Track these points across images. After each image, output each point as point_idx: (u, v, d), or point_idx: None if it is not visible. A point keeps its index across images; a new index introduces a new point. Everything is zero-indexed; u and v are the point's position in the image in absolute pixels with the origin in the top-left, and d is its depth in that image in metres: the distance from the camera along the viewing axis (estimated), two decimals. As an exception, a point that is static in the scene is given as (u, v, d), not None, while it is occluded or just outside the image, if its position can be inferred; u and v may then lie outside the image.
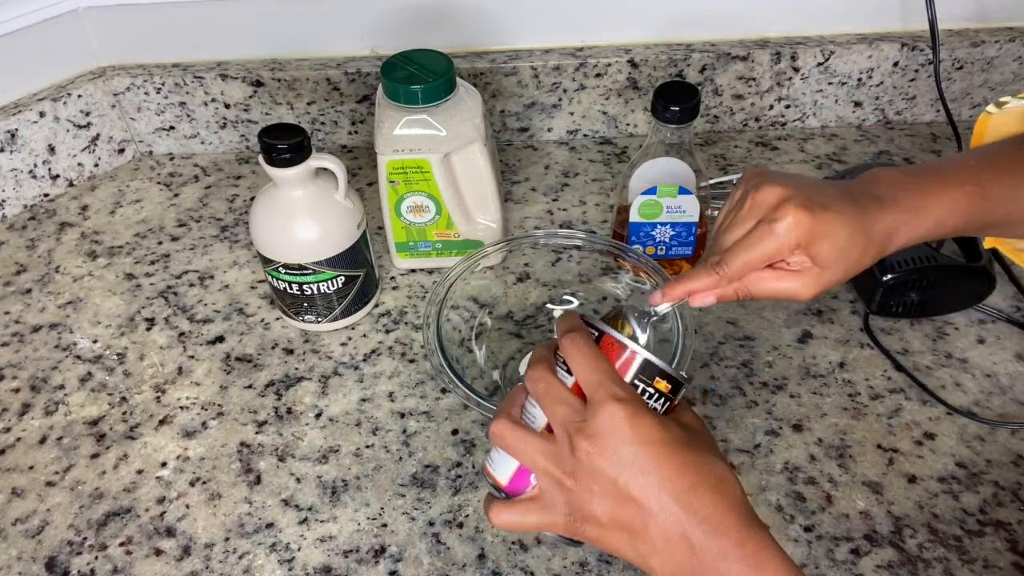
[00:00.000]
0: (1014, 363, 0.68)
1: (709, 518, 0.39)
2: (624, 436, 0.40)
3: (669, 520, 0.39)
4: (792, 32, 0.90)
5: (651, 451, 0.40)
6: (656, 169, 0.69)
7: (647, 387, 0.43)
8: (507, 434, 0.44)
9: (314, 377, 0.69)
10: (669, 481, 0.39)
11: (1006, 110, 0.55)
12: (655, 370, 0.43)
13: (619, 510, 0.40)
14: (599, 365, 0.42)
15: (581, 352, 0.42)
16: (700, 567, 0.39)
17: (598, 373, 0.42)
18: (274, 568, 0.56)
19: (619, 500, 0.40)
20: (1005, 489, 0.59)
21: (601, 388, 0.41)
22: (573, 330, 0.44)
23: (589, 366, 0.42)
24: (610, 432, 0.40)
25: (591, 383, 0.42)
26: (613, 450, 0.40)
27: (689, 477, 0.40)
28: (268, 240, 0.66)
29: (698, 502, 0.39)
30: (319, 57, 0.89)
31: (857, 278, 0.72)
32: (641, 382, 0.43)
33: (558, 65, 0.87)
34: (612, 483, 0.40)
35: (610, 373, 0.42)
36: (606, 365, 0.42)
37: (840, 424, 0.64)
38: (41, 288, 0.78)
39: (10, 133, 0.82)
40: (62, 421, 0.66)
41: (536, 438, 0.43)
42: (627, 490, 0.40)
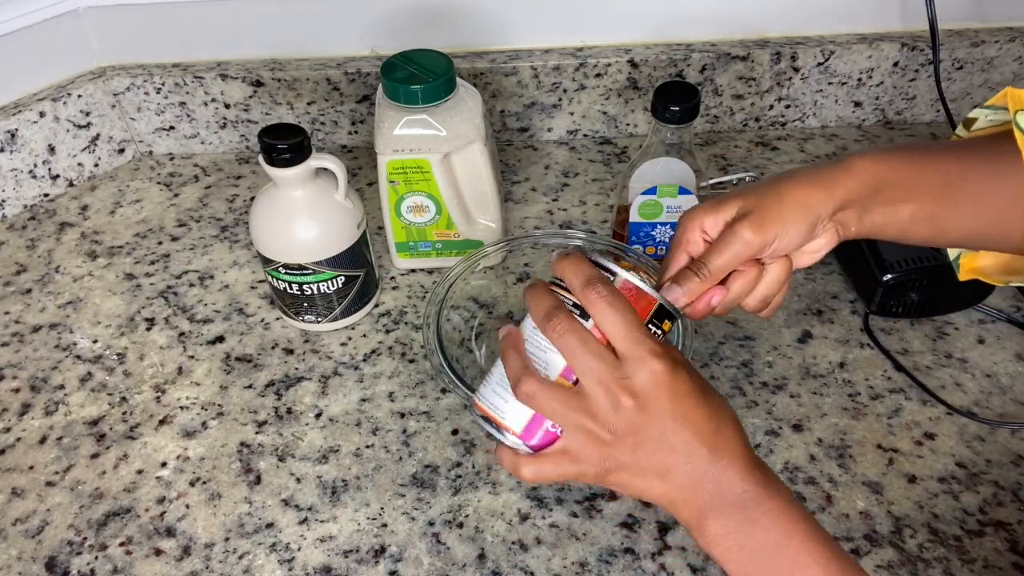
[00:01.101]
0: (1014, 363, 0.68)
1: (727, 453, 0.44)
2: (665, 392, 0.43)
3: (698, 460, 0.43)
4: (792, 32, 0.90)
5: (687, 403, 0.43)
6: (656, 169, 0.69)
7: (658, 328, 0.45)
8: (539, 393, 0.44)
9: (314, 377, 0.69)
10: (701, 427, 0.43)
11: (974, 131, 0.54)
12: (665, 313, 0.45)
13: (655, 458, 0.43)
14: (630, 319, 0.43)
15: (610, 305, 0.43)
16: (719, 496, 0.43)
17: (631, 328, 0.43)
18: (274, 568, 0.56)
19: (656, 449, 0.43)
20: (1005, 489, 0.59)
21: (638, 344, 0.43)
22: (593, 279, 0.44)
23: (621, 320, 0.43)
24: (653, 388, 0.43)
25: (626, 338, 0.43)
26: (656, 405, 0.43)
27: (714, 421, 0.44)
28: (268, 240, 0.66)
29: (719, 441, 0.44)
30: (319, 57, 0.89)
31: (857, 278, 0.73)
32: (653, 325, 0.45)
33: (558, 65, 0.87)
34: (653, 436, 0.43)
35: (641, 327, 0.43)
36: (636, 318, 0.44)
37: (840, 424, 0.64)
38: (41, 288, 0.78)
39: (10, 133, 0.82)
40: (62, 421, 0.66)
41: (569, 396, 0.44)
42: (667, 439, 0.43)
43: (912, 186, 0.50)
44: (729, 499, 0.43)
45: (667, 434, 0.43)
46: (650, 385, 0.43)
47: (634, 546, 0.57)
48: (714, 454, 0.43)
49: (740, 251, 0.49)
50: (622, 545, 0.57)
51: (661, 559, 0.56)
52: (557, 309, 0.45)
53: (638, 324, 0.43)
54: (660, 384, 0.43)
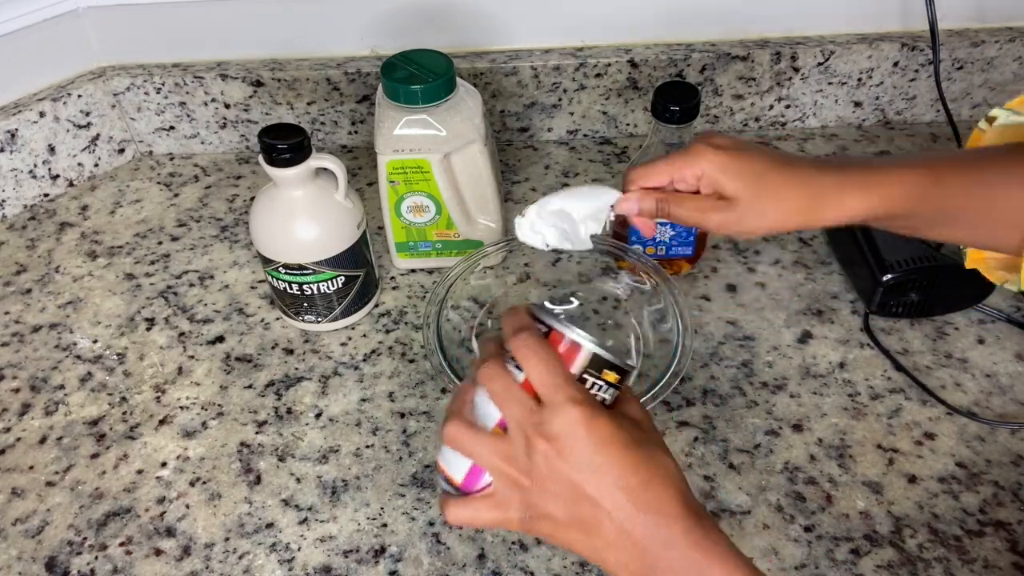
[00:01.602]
0: (1014, 363, 0.68)
1: (660, 510, 0.41)
2: (581, 438, 0.41)
3: (622, 516, 0.41)
4: (792, 32, 0.90)
5: (606, 451, 0.41)
6: (656, 169, 0.69)
7: (596, 379, 0.44)
8: (461, 436, 0.44)
9: (314, 377, 0.69)
10: (623, 479, 0.41)
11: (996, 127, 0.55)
12: (603, 362, 0.44)
13: (575, 508, 0.41)
14: (552, 366, 0.42)
15: (533, 352, 0.43)
16: (651, 556, 0.40)
17: (552, 375, 0.42)
18: (274, 568, 0.56)
19: (575, 499, 0.41)
20: (1005, 489, 0.59)
21: (557, 390, 0.42)
22: (522, 329, 0.44)
23: (542, 367, 0.42)
24: (567, 435, 0.41)
25: (546, 384, 0.42)
26: (570, 452, 0.41)
27: (641, 473, 0.41)
28: (268, 240, 0.66)
29: (650, 496, 0.41)
30: (319, 57, 0.89)
31: (857, 278, 0.73)
32: (590, 375, 0.44)
33: (558, 65, 0.87)
34: (569, 483, 0.41)
35: (564, 374, 0.42)
36: (558, 365, 0.43)
37: (840, 424, 0.64)
38: (41, 288, 0.78)
39: (10, 133, 0.82)
40: (62, 421, 0.66)
41: (491, 439, 0.44)
42: (583, 489, 0.41)
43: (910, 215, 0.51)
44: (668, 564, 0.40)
45: (584, 484, 0.41)
46: (566, 431, 0.41)
47: None
48: (640, 508, 0.40)
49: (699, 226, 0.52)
50: (622, 545, 0.57)
51: (661, 559, 0.56)
52: (492, 358, 0.44)
53: (559, 371, 0.42)
54: (574, 430, 0.41)
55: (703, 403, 0.65)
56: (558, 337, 0.44)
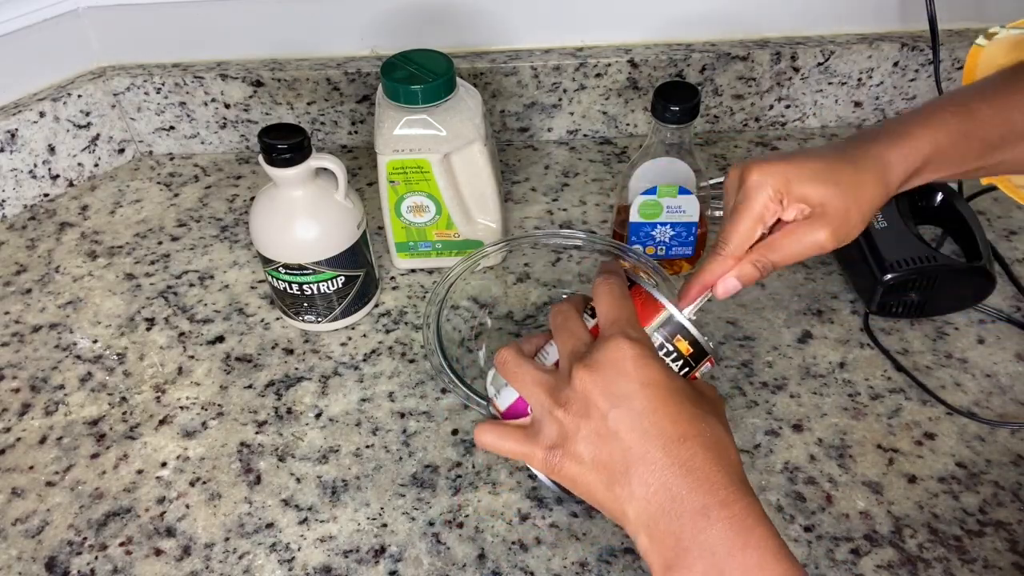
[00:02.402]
0: (1014, 363, 0.68)
1: (695, 471, 0.37)
2: (624, 371, 0.39)
3: (653, 466, 0.37)
4: (792, 32, 0.90)
5: (647, 392, 0.38)
6: (656, 169, 0.69)
7: (667, 343, 0.43)
8: (510, 360, 0.44)
9: (314, 377, 0.69)
10: (660, 426, 0.38)
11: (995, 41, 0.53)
12: (678, 327, 0.42)
13: (604, 447, 0.39)
14: (622, 305, 0.42)
15: (610, 292, 0.43)
16: (677, 520, 0.37)
17: (617, 311, 0.42)
18: (274, 568, 0.56)
19: (605, 437, 0.38)
20: (1005, 489, 0.59)
21: (615, 325, 0.41)
22: (609, 272, 0.44)
23: (612, 305, 0.42)
24: (611, 365, 0.39)
25: (608, 320, 0.42)
26: (610, 382, 0.39)
27: (682, 426, 0.38)
28: (268, 240, 0.66)
29: (686, 453, 0.37)
30: (319, 57, 0.89)
31: (857, 278, 0.73)
32: (662, 336, 0.43)
33: (558, 65, 0.87)
34: (602, 417, 0.39)
35: (630, 316, 0.42)
36: (629, 308, 0.42)
37: (840, 424, 0.64)
38: (41, 288, 0.78)
39: (10, 133, 0.82)
40: (62, 421, 0.66)
41: (536, 368, 0.43)
42: (616, 426, 0.38)
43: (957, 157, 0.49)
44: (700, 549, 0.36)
45: (618, 421, 0.38)
46: (609, 361, 0.39)
47: (634, 546, 0.57)
48: (675, 465, 0.37)
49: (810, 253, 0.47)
50: (622, 545, 0.57)
51: (661, 559, 0.56)
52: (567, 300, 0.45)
53: (627, 312, 0.42)
54: (618, 362, 0.39)
55: (703, 403, 0.65)
56: (641, 291, 0.44)
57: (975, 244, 0.70)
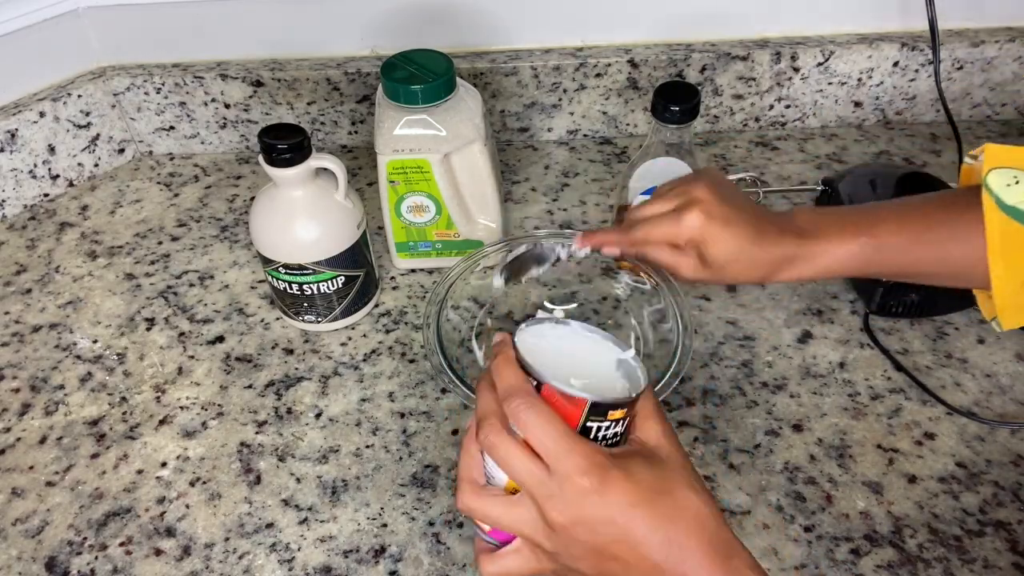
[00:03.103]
0: (1014, 363, 0.68)
1: (686, 561, 0.40)
2: (595, 507, 0.41)
3: (650, 570, 0.41)
4: (792, 32, 0.90)
5: (624, 517, 0.41)
6: (656, 169, 0.69)
7: (601, 423, 0.42)
8: (474, 505, 0.44)
9: (314, 377, 0.69)
10: (646, 541, 0.41)
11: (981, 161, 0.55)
12: (606, 407, 0.42)
13: (602, 565, 0.42)
14: (550, 430, 0.41)
15: (529, 418, 0.41)
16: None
17: (553, 440, 0.41)
18: (274, 568, 0.56)
19: (601, 558, 0.42)
20: (1005, 489, 0.59)
21: (560, 459, 0.41)
22: (514, 393, 0.42)
23: (541, 433, 0.41)
24: (580, 506, 0.41)
25: (548, 453, 0.41)
26: (586, 522, 0.41)
27: (666, 530, 0.41)
28: (268, 240, 0.66)
29: (676, 551, 0.41)
30: (319, 57, 0.89)
31: (857, 278, 0.72)
32: (595, 422, 0.42)
33: (558, 65, 0.87)
34: (591, 548, 0.41)
35: (564, 438, 0.41)
36: (557, 428, 0.41)
37: (840, 424, 0.64)
38: (41, 288, 0.78)
39: (10, 133, 0.82)
40: (62, 421, 0.66)
41: (505, 506, 0.43)
42: (607, 551, 0.41)
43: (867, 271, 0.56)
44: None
45: (606, 547, 0.41)
46: (578, 502, 0.41)
47: None
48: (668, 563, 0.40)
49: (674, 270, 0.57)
50: (622, 545, 0.57)
51: (661, 559, 0.56)
52: (486, 418, 0.43)
53: (559, 436, 0.41)
54: (588, 501, 0.40)
55: (703, 403, 0.65)
56: (551, 391, 0.42)
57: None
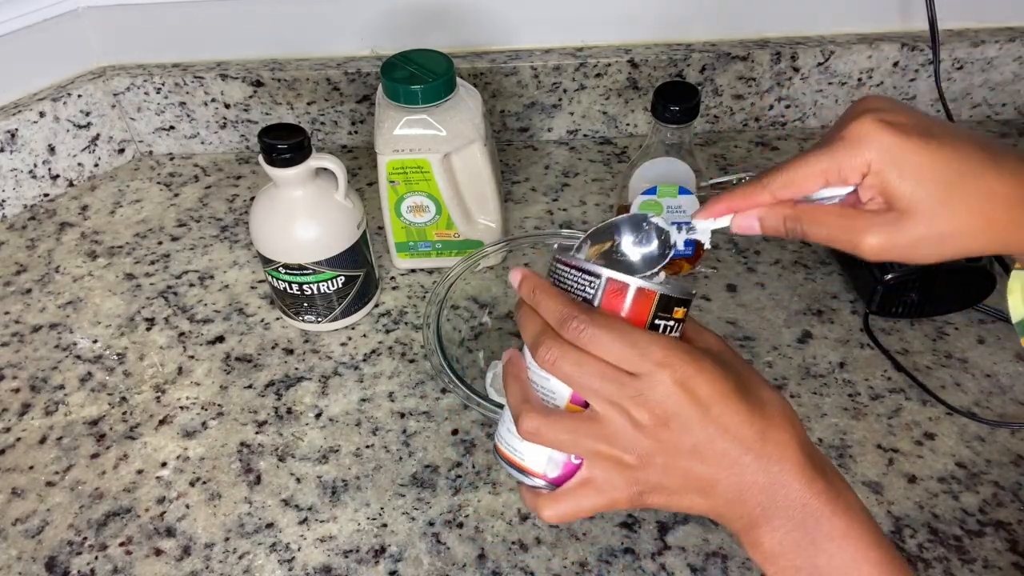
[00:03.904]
0: (1014, 363, 0.68)
1: (780, 458, 0.38)
2: (685, 404, 0.37)
3: (742, 474, 0.38)
4: (792, 32, 0.90)
5: (715, 412, 0.38)
6: (656, 169, 0.69)
7: (666, 321, 0.40)
8: (543, 430, 0.39)
9: (314, 377, 0.69)
10: (739, 436, 0.38)
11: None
12: (672, 302, 0.39)
13: (690, 475, 0.39)
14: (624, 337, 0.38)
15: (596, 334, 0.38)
16: (771, 507, 0.38)
17: (630, 346, 0.37)
18: (274, 568, 0.56)
19: (692, 466, 0.38)
20: (1005, 489, 0.59)
21: (643, 359, 0.37)
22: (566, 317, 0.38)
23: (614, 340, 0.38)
24: (672, 402, 0.37)
25: (628, 359, 0.38)
26: (677, 421, 0.38)
27: (756, 423, 0.38)
28: (268, 240, 0.66)
29: (769, 447, 0.38)
30: (319, 57, 0.89)
31: (857, 278, 0.72)
32: (661, 319, 0.39)
33: (558, 65, 0.87)
34: (681, 452, 0.38)
35: (640, 338, 0.38)
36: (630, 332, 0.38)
37: (840, 424, 0.64)
38: (41, 288, 0.78)
39: (10, 133, 0.82)
40: (62, 421, 0.66)
41: (579, 423, 0.39)
42: (699, 454, 0.38)
43: None
44: (786, 512, 0.38)
45: (699, 447, 0.38)
46: (668, 399, 0.37)
47: (634, 546, 0.57)
48: (761, 461, 0.37)
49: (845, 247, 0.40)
50: (622, 545, 0.57)
51: (661, 559, 0.56)
52: (543, 334, 0.39)
53: (634, 337, 0.38)
54: (678, 396, 0.37)
55: (703, 403, 0.65)
56: (618, 288, 0.39)
57: (975, 244, 0.70)
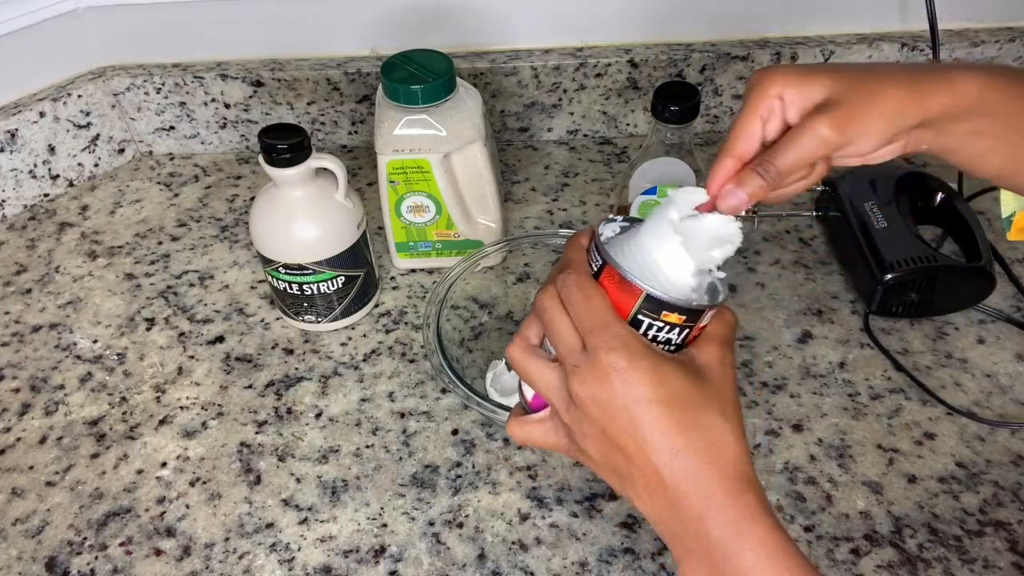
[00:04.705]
0: (1014, 363, 0.68)
1: (691, 480, 0.38)
2: (614, 391, 0.39)
3: (652, 476, 0.39)
4: (792, 32, 0.90)
5: (638, 409, 0.39)
6: (656, 169, 0.69)
7: (654, 322, 0.40)
8: (516, 358, 0.44)
9: (314, 377, 0.69)
10: (653, 443, 0.39)
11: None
12: (661, 303, 0.39)
13: (608, 454, 0.41)
14: (591, 308, 0.40)
15: (573, 294, 0.41)
16: (679, 524, 0.39)
17: (590, 317, 0.40)
18: (274, 568, 0.56)
19: (607, 445, 0.40)
20: (1005, 489, 0.59)
21: (592, 335, 0.40)
22: (568, 267, 0.42)
23: (581, 307, 0.40)
24: (599, 384, 0.39)
25: (583, 328, 0.40)
26: (602, 402, 0.39)
27: (676, 439, 0.39)
28: (268, 240, 0.66)
29: (681, 465, 0.38)
30: (319, 57, 0.89)
31: (857, 278, 0.72)
32: (647, 317, 0.40)
33: (558, 65, 0.87)
34: (601, 430, 0.40)
35: (603, 317, 0.40)
36: (599, 307, 0.40)
37: (840, 424, 0.64)
38: (41, 288, 0.78)
39: (10, 133, 0.82)
40: (62, 421, 0.66)
41: (543, 367, 0.43)
42: (615, 439, 0.40)
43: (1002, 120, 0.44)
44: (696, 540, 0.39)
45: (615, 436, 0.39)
46: (598, 379, 0.39)
47: (634, 546, 0.57)
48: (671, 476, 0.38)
49: (814, 151, 0.42)
50: (622, 545, 0.57)
51: (661, 559, 0.56)
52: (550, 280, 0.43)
53: (598, 314, 0.40)
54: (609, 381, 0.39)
55: (703, 403, 0.65)
56: (611, 273, 0.40)
57: (975, 244, 0.70)
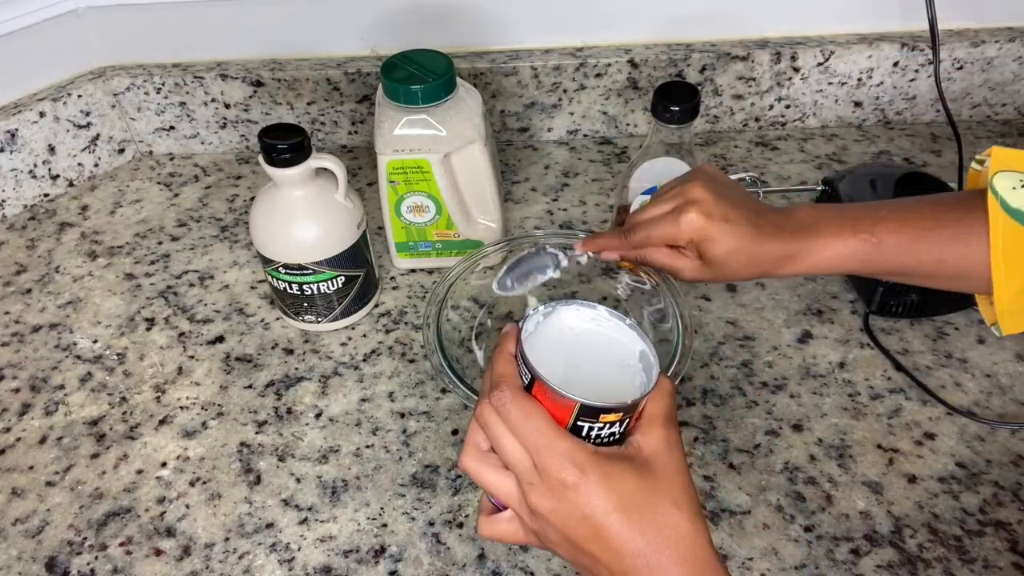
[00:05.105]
0: (1014, 363, 0.68)
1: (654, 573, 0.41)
2: (569, 507, 0.41)
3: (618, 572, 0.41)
4: (792, 32, 0.90)
5: (597, 520, 0.41)
6: (656, 169, 0.69)
7: (593, 424, 0.42)
8: (472, 469, 0.45)
9: (314, 377, 0.69)
10: (615, 547, 0.41)
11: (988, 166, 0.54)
12: (597, 410, 0.41)
13: (575, 555, 0.43)
14: (532, 427, 0.42)
15: (511, 413, 0.42)
16: None
17: (533, 437, 0.42)
18: (274, 568, 0.56)
19: (573, 548, 0.42)
20: (1005, 489, 0.59)
21: (540, 453, 0.41)
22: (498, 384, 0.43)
23: (523, 427, 0.42)
24: (556, 500, 0.41)
25: (530, 445, 0.42)
26: (562, 515, 0.42)
27: (636, 540, 0.41)
28: (268, 240, 0.66)
29: (643, 562, 0.41)
30: (319, 57, 0.89)
31: (857, 278, 0.72)
32: (586, 422, 0.42)
33: (558, 65, 0.87)
34: (564, 538, 0.42)
35: (545, 435, 0.42)
36: (540, 426, 0.42)
37: (840, 424, 0.64)
38: (41, 288, 0.78)
39: (10, 133, 0.82)
40: (62, 421, 0.66)
41: (500, 477, 0.44)
42: (579, 545, 0.42)
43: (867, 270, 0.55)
44: None
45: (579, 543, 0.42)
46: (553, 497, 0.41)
47: None
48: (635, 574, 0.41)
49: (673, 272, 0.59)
50: (622, 545, 0.57)
51: (661, 559, 0.56)
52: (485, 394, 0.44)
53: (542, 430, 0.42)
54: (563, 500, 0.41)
55: (703, 403, 0.65)
56: (542, 388, 0.42)
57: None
